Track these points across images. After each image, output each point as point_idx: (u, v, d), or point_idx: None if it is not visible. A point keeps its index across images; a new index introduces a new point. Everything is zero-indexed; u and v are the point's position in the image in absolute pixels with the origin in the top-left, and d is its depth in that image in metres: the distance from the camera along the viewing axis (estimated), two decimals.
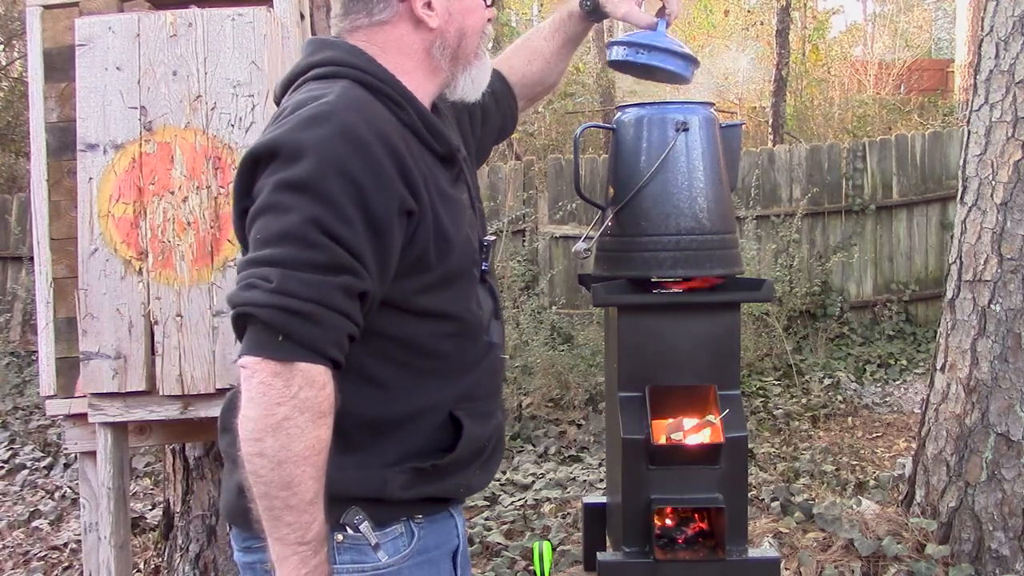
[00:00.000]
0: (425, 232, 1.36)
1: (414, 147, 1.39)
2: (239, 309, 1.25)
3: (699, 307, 2.57)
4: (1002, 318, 3.17)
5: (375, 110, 1.36)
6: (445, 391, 1.45)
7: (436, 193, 1.39)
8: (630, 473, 2.53)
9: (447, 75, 1.51)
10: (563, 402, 5.64)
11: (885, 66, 13.55)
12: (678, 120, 2.52)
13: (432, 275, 1.39)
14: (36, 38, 2.57)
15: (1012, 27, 3.19)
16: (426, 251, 1.37)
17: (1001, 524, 3.15)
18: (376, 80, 1.40)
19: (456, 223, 1.43)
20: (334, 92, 1.35)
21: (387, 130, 1.34)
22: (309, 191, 1.25)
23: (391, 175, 1.30)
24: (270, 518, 1.26)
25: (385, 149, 1.31)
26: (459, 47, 1.50)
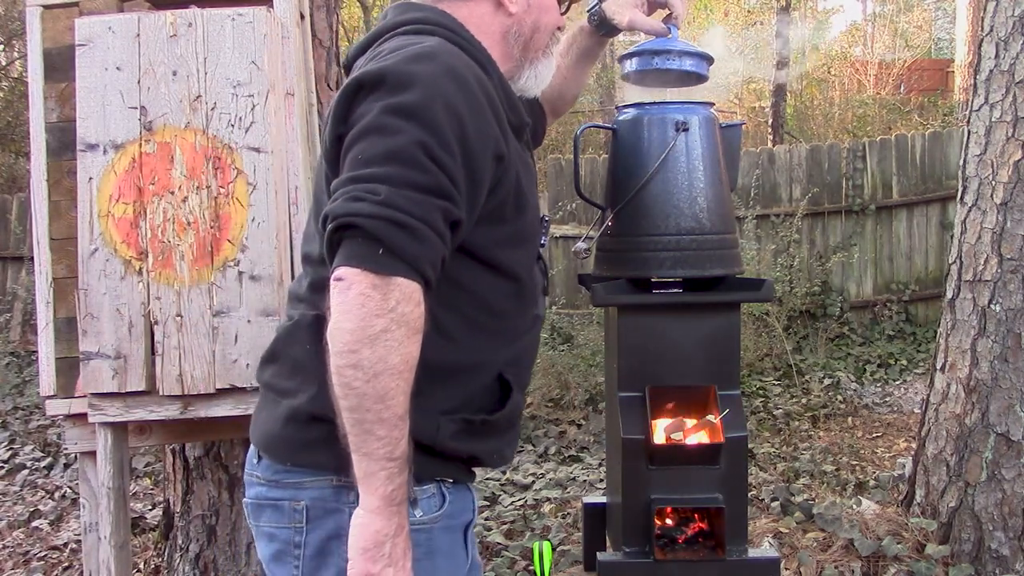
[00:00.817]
0: (508, 182, 1.41)
1: (499, 105, 1.44)
2: (345, 220, 1.26)
3: (699, 307, 2.57)
4: (1002, 318, 3.18)
5: (470, 62, 1.42)
6: (500, 351, 1.48)
7: (515, 151, 1.46)
8: (630, 473, 2.53)
9: (515, 64, 1.56)
10: (563, 402, 5.64)
11: (885, 66, 13.55)
12: (678, 120, 2.52)
13: (507, 228, 1.44)
14: (36, 38, 2.57)
15: (1012, 27, 3.19)
16: (505, 201, 1.42)
17: (1001, 524, 3.15)
18: (465, 42, 1.45)
19: (531, 185, 1.50)
20: (432, 41, 1.40)
21: (483, 77, 1.40)
22: (417, 117, 1.28)
23: (489, 118, 1.36)
24: (360, 431, 1.25)
25: (484, 94, 1.37)
26: (531, 39, 1.56)
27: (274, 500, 1.41)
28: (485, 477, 4.70)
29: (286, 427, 1.38)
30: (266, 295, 2.31)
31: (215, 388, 2.33)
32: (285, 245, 2.38)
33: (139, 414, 2.43)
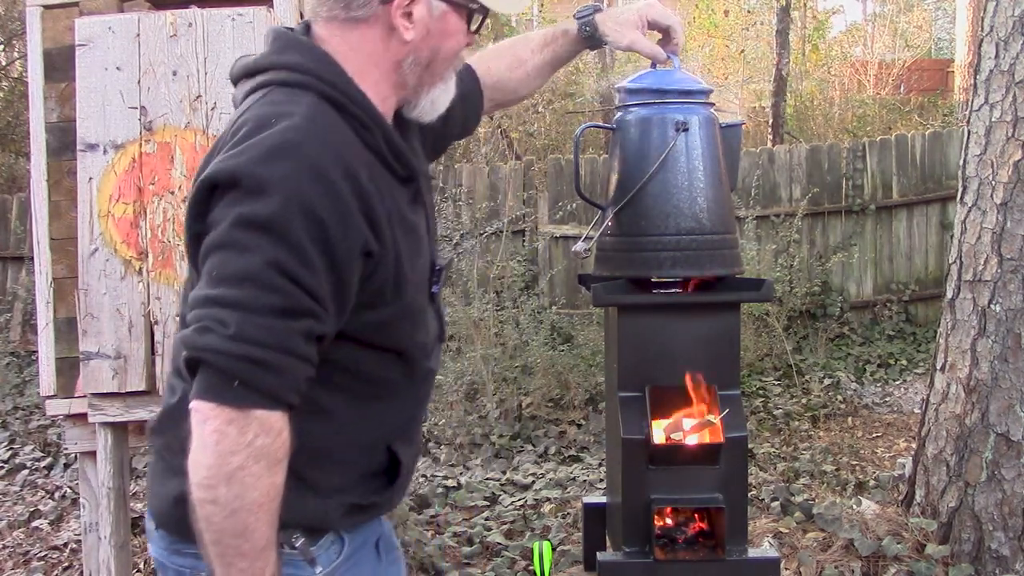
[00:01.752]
0: (384, 271, 1.32)
1: (378, 173, 1.34)
2: (194, 354, 1.20)
3: (699, 307, 2.57)
4: (1002, 318, 3.17)
5: (342, 136, 1.31)
6: (387, 424, 1.43)
7: (399, 226, 1.35)
8: (630, 473, 2.53)
9: (410, 92, 1.44)
10: (563, 402, 5.64)
11: (885, 66, 13.55)
12: (678, 120, 2.52)
13: (386, 311, 1.35)
14: (36, 38, 2.57)
15: (1012, 27, 3.19)
16: (383, 289, 1.33)
17: (1001, 524, 3.15)
18: (346, 99, 1.33)
19: (413, 257, 1.39)
20: (300, 111, 1.28)
21: (354, 166, 1.28)
22: (272, 231, 1.19)
23: (357, 217, 1.26)
24: (222, 564, 1.22)
25: (352, 189, 1.26)
26: (428, 67, 1.42)
27: (176, 567, 1.40)
28: (485, 477, 4.71)
29: (177, 507, 1.30)
30: None
31: None
32: None
33: (139, 414, 2.43)
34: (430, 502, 4.25)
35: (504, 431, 5.31)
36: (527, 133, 9.77)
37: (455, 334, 6.04)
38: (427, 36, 1.39)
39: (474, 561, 3.60)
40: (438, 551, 3.53)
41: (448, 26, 1.40)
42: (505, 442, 5.21)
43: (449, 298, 6.17)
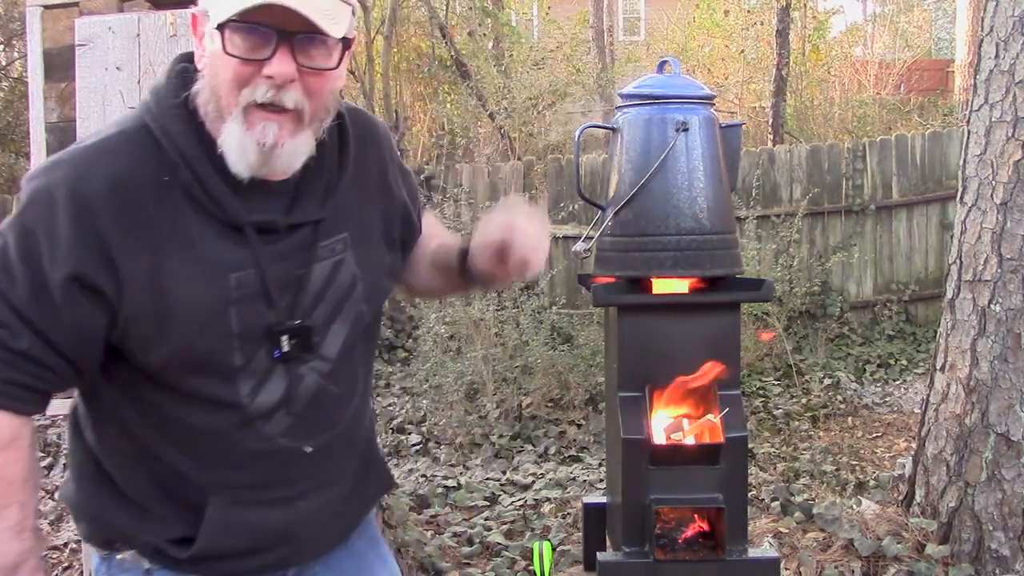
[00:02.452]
0: (134, 310, 1.25)
1: (174, 210, 1.26)
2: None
3: (699, 307, 2.58)
4: (1002, 318, 3.17)
5: (115, 168, 1.25)
6: (183, 469, 1.34)
7: (182, 271, 1.25)
8: (630, 473, 2.53)
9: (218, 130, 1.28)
10: (563, 402, 5.64)
11: (885, 66, 13.54)
12: (678, 120, 2.53)
13: (161, 353, 1.27)
14: (36, 38, 2.57)
15: (1012, 27, 3.19)
16: (145, 332, 1.26)
17: (1001, 524, 3.15)
18: (162, 133, 1.27)
19: (212, 305, 1.27)
20: (112, 131, 1.29)
21: (102, 195, 1.22)
22: (3, 237, 1.25)
23: (72, 243, 1.21)
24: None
25: (75, 215, 1.21)
26: (216, 102, 1.26)
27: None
28: (485, 477, 4.71)
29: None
30: None
31: None
32: None
33: None
34: (430, 502, 4.25)
35: (504, 431, 5.31)
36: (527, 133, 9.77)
37: (455, 334, 6.04)
38: (209, 64, 1.27)
39: (474, 561, 3.60)
40: (438, 551, 3.53)
41: (214, 55, 1.25)
42: (505, 442, 5.21)
43: (449, 298, 6.16)
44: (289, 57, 1.22)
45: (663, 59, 2.79)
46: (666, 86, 2.61)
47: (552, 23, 12.64)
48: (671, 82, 2.63)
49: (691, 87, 2.64)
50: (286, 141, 1.25)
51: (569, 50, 11.55)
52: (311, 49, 1.24)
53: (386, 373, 6.76)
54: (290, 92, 1.23)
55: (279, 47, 1.21)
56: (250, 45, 1.21)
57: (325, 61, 1.25)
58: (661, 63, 2.76)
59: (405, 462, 5.10)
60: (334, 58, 1.26)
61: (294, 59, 1.22)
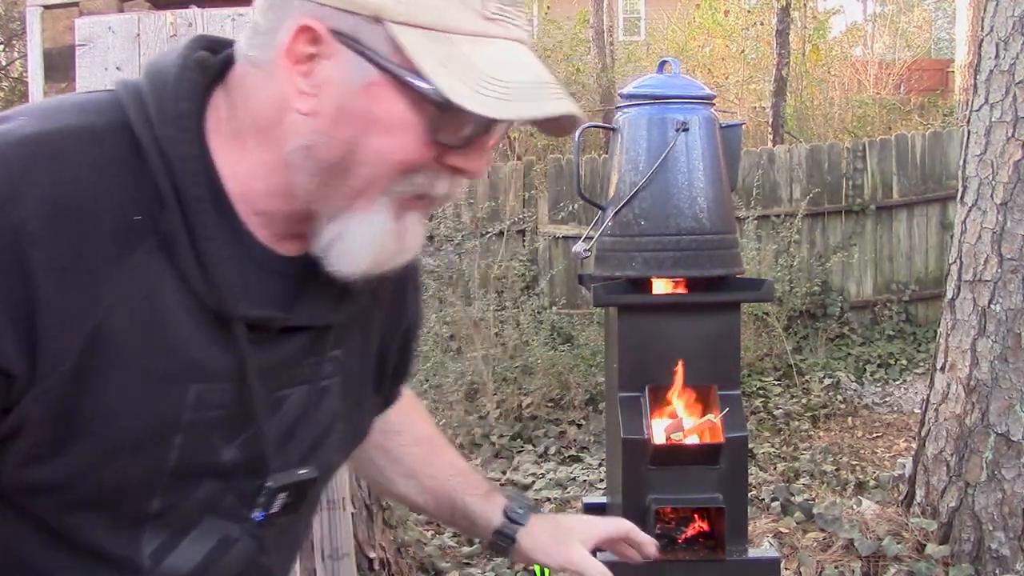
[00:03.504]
0: (42, 410, 0.79)
1: (136, 268, 0.81)
2: None
3: (699, 307, 2.58)
4: (1002, 318, 3.17)
5: (64, 183, 0.78)
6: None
7: (120, 365, 0.81)
8: (630, 473, 2.53)
9: (302, 202, 0.86)
10: (563, 402, 5.64)
11: (885, 66, 13.55)
12: (678, 120, 2.53)
13: (47, 473, 0.82)
14: (36, 38, 2.57)
15: (1012, 27, 3.19)
16: (38, 439, 0.81)
17: (1001, 524, 3.15)
18: (155, 151, 0.82)
19: (137, 429, 0.83)
20: (72, 119, 0.82)
21: (38, 224, 0.76)
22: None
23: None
24: None
25: (6, 256, 0.75)
26: (336, 170, 0.83)
27: None
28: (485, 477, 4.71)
29: None
30: None
31: None
32: None
33: None
34: None
35: (504, 431, 5.31)
36: (527, 133, 9.77)
37: (455, 334, 6.04)
38: (340, 115, 0.81)
39: (474, 561, 3.60)
40: (438, 551, 3.53)
41: (379, 108, 0.80)
42: (505, 442, 5.21)
43: (449, 298, 6.17)
44: (490, 148, 0.86)
45: (663, 59, 2.79)
46: (666, 86, 2.61)
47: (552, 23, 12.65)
48: (671, 82, 2.63)
49: (691, 87, 2.64)
50: (413, 230, 0.89)
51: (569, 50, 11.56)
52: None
53: None
54: (453, 182, 0.87)
55: (488, 133, 0.84)
56: (463, 134, 0.82)
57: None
58: (661, 63, 2.76)
59: None
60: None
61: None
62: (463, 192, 0.91)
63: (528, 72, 0.81)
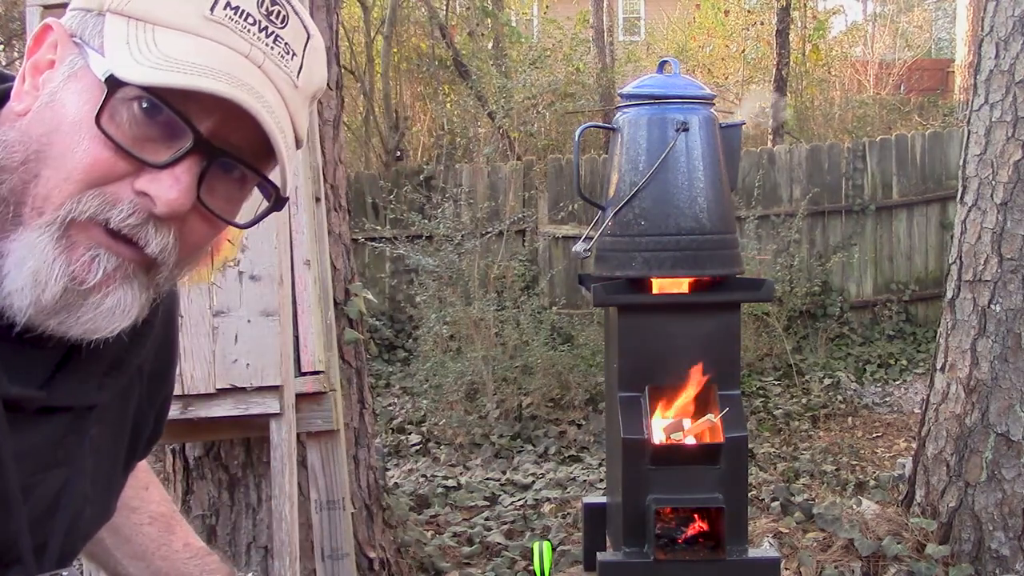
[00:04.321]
0: None
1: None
2: None
3: (699, 307, 2.58)
4: (1002, 318, 3.17)
5: None
6: None
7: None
8: (630, 473, 2.53)
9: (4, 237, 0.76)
10: (563, 402, 5.64)
11: (885, 66, 13.55)
12: (678, 120, 2.53)
13: None
14: None
15: (1012, 27, 3.19)
16: None
17: (1001, 524, 3.15)
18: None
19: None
20: None
21: None
22: None
23: None
24: None
25: None
26: (18, 181, 0.74)
27: None
28: (485, 477, 4.71)
29: None
30: (266, 295, 2.31)
31: (215, 388, 2.33)
32: (285, 245, 2.38)
33: None
34: (430, 502, 4.25)
35: (504, 431, 5.31)
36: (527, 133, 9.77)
37: (455, 334, 6.04)
38: (42, 110, 0.76)
39: (474, 561, 3.60)
40: (438, 551, 3.53)
41: (70, 97, 0.75)
42: (505, 442, 5.21)
43: (449, 298, 6.17)
44: (191, 181, 0.75)
45: (663, 59, 2.79)
46: (666, 86, 2.61)
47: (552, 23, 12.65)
48: (671, 82, 2.63)
49: (691, 87, 2.64)
50: (114, 290, 0.76)
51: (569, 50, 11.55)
52: (222, 182, 0.79)
53: (386, 373, 6.76)
54: (161, 229, 0.76)
55: (185, 159, 0.75)
56: (149, 134, 0.74)
57: (231, 207, 0.80)
58: (661, 63, 2.76)
59: (405, 462, 5.10)
60: (239, 207, 0.82)
61: (198, 188, 0.76)
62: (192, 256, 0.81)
63: (215, 60, 0.73)
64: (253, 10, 0.75)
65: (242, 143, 0.77)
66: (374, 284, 7.35)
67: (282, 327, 2.29)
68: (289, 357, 2.35)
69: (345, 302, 2.96)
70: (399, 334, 7.31)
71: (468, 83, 9.54)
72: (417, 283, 6.51)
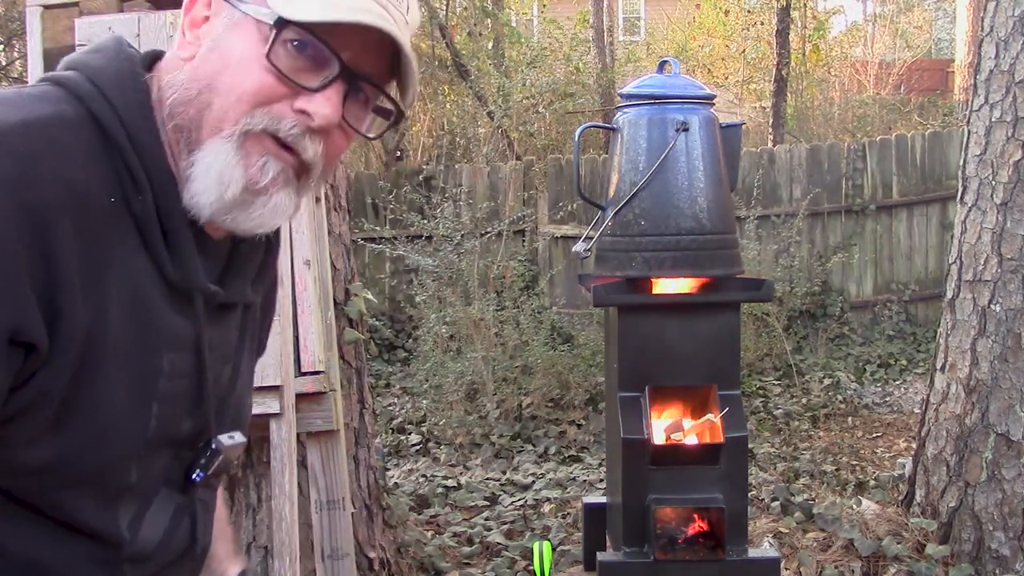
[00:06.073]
0: (50, 385, 0.81)
1: (122, 249, 0.87)
2: None
3: (699, 307, 2.58)
4: (1002, 318, 3.17)
5: (67, 168, 0.82)
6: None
7: (115, 340, 0.85)
8: (630, 473, 2.53)
9: (176, 156, 0.92)
10: (563, 402, 5.64)
11: (885, 66, 13.55)
12: (678, 120, 2.53)
13: (45, 453, 0.83)
14: (36, 38, 2.57)
15: (1012, 27, 3.19)
16: (41, 417, 0.82)
17: (1001, 524, 3.15)
18: (123, 136, 0.88)
19: (125, 399, 0.88)
20: (44, 108, 0.85)
21: (58, 207, 0.80)
22: None
23: (14, 282, 0.77)
24: None
25: (25, 235, 0.78)
26: (198, 104, 0.90)
27: None
28: (485, 477, 4.71)
29: None
30: None
31: None
32: (285, 245, 2.38)
33: None
34: (430, 502, 4.25)
35: (504, 431, 5.31)
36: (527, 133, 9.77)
37: (455, 334, 6.04)
38: (207, 55, 0.92)
39: (474, 561, 3.60)
40: (438, 551, 3.53)
41: (235, 43, 0.91)
42: (505, 442, 5.22)
43: (449, 298, 6.17)
44: (339, 101, 0.92)
45: (663, 59, 2.79)
46: (666, 86, 2.61)
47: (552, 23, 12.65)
48: (671, 82, 2.63)
49: (691, 87, 2.64)
50: (277, 191, 0.92)
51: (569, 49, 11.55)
52: (359, 104, 0.95)
53: (386, 373, 6.77)
54: (315, 140, 0.92)
55: (334, 83, 0.91)
56: (302, 65, 0.90)
57: (360, 123, 0.96)
58: (661, 63, 2.76)
59: (405, 462, 5.10)
60: (365, 123, 0.98)
61: (342, 105, 0.92)
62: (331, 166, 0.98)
63: (357, 2, 0.89)
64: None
65: (371, 69, 0.94)
66: (374, 284, 7.35)
67: (282, 327, 2.29)
68: (289, 357, 2.35)
69: (345, 302, 2.96)
70: (399, 334, 7.31)
71: (468, 83, 9.54)
72: (417, 283, 6.51)
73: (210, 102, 0.90)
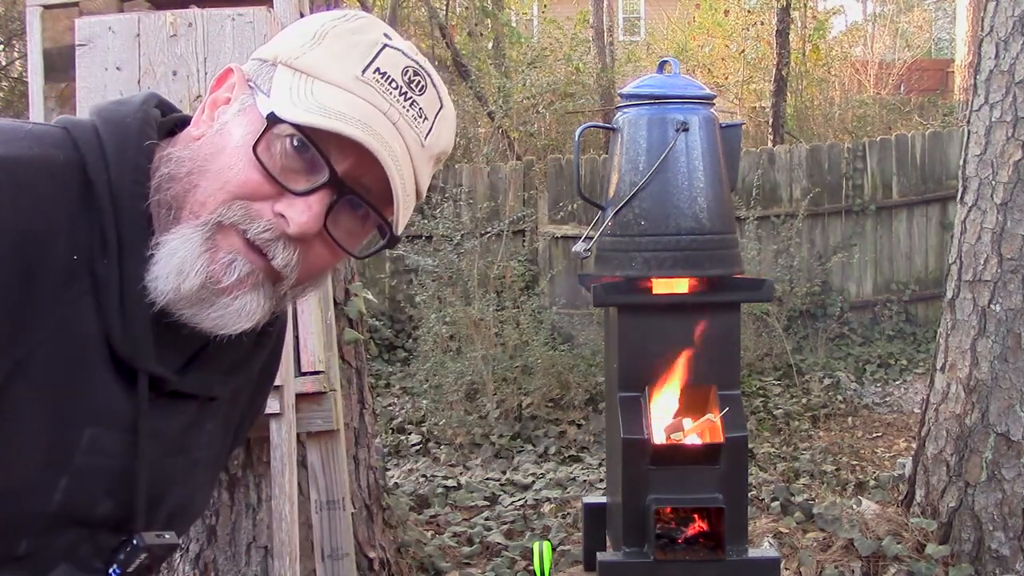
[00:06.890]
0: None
1: (70, 305, 0.84)
2: None
3: (699, 307, 2.58)
4: (1002, 318, 3.17)
5: (29, 209, 0.81)
6: None
7: (34, 394, 0.82)
8: (630, 473, 2.53)
9: (161, 232, 0.89)
10: (563, 402, 5.64)
11: (885, 66, 13.55)
12: (678, 120, 2.53)
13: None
14: (36, 38, 2.57)
15: (1012, 27, 3.19)
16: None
17: (1001, 524, 3.15)
18: (107, 194, 0.87)
19: (32, 465, 0.84)
20: (33, 148, 0.85)
21: (3, 247, 0.79)
22: None
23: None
24: None
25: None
26: (180, 189, 0.89)
27: None
28: (485, 477, 4.71)
29: None
30: None
31: None
32: None
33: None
34: (430, 502, 4.25)
35: (504, 431, 5.31)
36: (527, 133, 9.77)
37: (455, 334, 6.04)
38: (213, 136, 0.91)
39: (474, 561, 3.60)
40: (438, 551, 3.53)
41: (236, 127, 0.89)
42: (505, 442, 5.22)
43: (449, 298, 6.17)
44: (320, 210, 0.87)
45: (663, 59, 2.79)
46: (666, 86, 2.61)
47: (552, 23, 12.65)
48: (671, 82, 2.63)
49: (691, 87, 2.64)
50: (244, 294, 0.88)
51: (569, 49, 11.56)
52: (348, 217, 0.90)
53: (386, 373, 6.76)
54: (288, 247, 0.88)
55: (319, 191, 0.87)
56: (296, 167, 0.87)
57: (352, 240, 0.92)
58: (661, 63, 2.77)
59: (405, 462, 5.10)
60: (360, 241, 0.94)
61: (325, 217, 0.88)
62: (312, 278, 0.93)
63: (357, 112, 0.86)
64: (398, 77, 0.90)
65: (371, 185, 0.89)
66: (374, 284, 7.35)
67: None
68: (289, 357, 2.35)
69: (345, 302, 2.96)
70: (399, 334, 7.31)
71: (468, 83, 9.54)
72: (417, 283, 6.51)
73: (197, 184, 0.88)
